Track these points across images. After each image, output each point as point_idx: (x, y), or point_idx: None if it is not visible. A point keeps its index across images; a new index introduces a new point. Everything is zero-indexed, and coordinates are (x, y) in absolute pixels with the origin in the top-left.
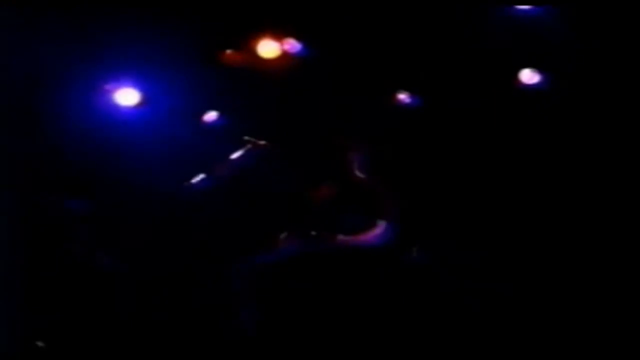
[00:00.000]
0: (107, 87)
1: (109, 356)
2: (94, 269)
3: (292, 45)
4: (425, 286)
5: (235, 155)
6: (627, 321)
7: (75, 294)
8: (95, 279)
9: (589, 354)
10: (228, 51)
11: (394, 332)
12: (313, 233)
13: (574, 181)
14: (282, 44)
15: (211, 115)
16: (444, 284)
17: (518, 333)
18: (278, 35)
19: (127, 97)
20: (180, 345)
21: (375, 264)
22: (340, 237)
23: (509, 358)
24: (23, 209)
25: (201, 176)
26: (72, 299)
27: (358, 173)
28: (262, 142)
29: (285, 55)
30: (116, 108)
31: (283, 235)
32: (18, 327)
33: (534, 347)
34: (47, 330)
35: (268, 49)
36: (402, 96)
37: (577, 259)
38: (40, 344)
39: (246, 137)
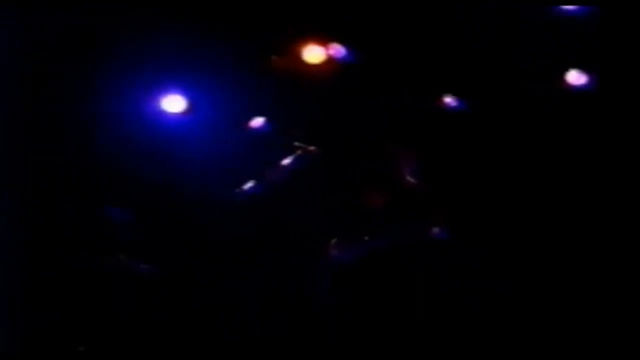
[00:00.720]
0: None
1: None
2: (138, 275)
3: (337, 50)
4: (426, 286)
5: (285, 161)
6: (627, 321)
7: (80, 295)
8: (105, 281)
9: (589, 354)
10: (273, 57)
11: (395, 332)
12: (366, 238)
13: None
14: (327, 49)
15: (258, 121)
16: (444, 284)
17: (518, 333)
18: (323, 40)
19: (173, 104)
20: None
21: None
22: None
23: (509, 358)
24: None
25: (251, 183)
26: (76, 299)
27: (410, 179)
28: (312, 148)
29: (330, 60)
30: (163, 115)
31: (333, 241)
32: (18, 327)
33: (534, 347)
34: (47, 330)
35: (313, 54)
36: (448, 99)
37: (577, 259)
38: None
39: (296, 143)
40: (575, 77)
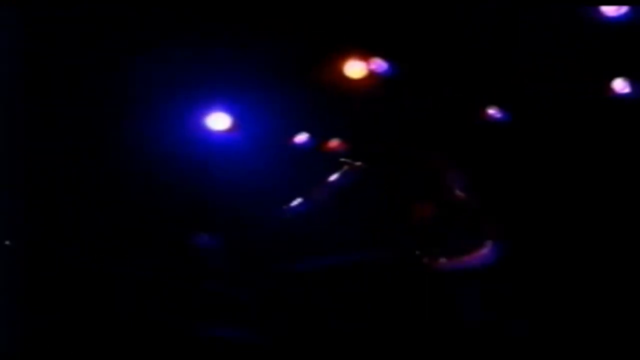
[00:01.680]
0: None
1: None
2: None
3: (378, 64)
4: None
5: (332, 178)
6: (627, 321)
7: (80, 295)
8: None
9: (589, 354)
10: (315, 73)
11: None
12: (417, 253)
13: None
14: (368, 64)
15: (302, 137)
16: (447, 288)
17: (518, 333)
18: (364, 55)
19: (218, 121)
20: None
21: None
22: (445, 258)
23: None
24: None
25: (299, 200)
26: (76, 299)
27: (458, 192)
28: (359, 163)
29: (372, 75)
30: (208, 133)
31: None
32: (18, 327)
33: (534, 348)
34: (47, 330)
35: (355, 69)
36: (492, 111)
37: (578, 260)
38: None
39: (342, 159)
40: (620, 86)
